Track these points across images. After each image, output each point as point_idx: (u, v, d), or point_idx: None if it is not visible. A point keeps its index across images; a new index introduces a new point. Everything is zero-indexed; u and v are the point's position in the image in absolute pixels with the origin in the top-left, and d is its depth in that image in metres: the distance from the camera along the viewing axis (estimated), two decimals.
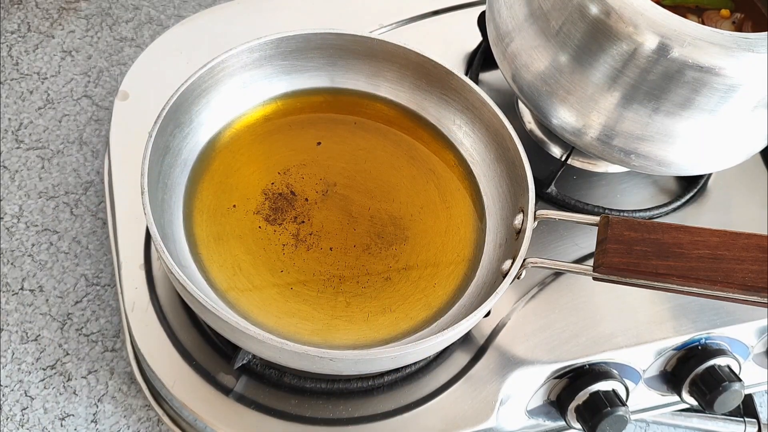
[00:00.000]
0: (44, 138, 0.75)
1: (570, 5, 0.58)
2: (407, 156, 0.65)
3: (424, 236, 0.62)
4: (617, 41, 0.56)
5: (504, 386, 0.60)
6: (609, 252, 0.52)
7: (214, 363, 0.59)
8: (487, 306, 0.53)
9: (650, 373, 0.64)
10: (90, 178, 0.74)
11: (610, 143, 0.60)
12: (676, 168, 0.62)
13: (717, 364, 0.62)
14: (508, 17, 0.63)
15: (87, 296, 0.68)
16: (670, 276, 0.52)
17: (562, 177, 0.69)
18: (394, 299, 0.59)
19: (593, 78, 0.59)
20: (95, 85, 0.80)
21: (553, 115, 0.62)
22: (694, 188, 0.71)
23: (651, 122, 0.59)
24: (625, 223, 0.53)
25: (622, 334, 0.63)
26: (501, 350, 0.61)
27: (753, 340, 0.65)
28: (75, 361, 0.65)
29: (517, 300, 0.64)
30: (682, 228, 0.53)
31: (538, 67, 0.61)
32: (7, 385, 0.63)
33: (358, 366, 0.53)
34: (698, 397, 0.63)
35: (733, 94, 0.56)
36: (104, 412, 0.63)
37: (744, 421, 0.68)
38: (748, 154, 0.63)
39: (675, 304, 0.64)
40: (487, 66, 0.75)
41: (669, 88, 0.56)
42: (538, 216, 0.57)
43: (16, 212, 0.71)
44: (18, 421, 0.62)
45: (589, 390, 0.60)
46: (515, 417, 0.61)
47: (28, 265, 0.68)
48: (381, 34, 0.75)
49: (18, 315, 0.66)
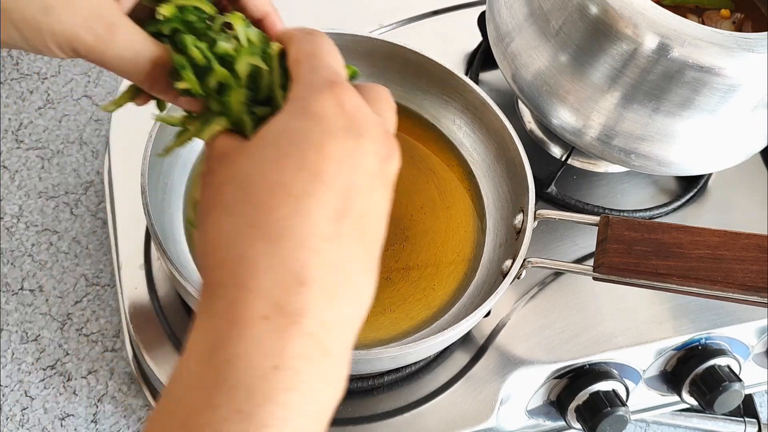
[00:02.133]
0: (44, 138, 0.75)
1: (570, 5, 0.58)
2: (407, 156, 0.65)
3: (424, 236, 0.62)
4: (617, 41, 0.56)
5: (504, 386, 0.60)
6: (609, 252, 0.52)
7: None
8: (487, 306, 0.53)
9: (650, 373, 0.64)
10: (90, 178, 0.74)
11: (610, 143, 0.60)
12: (676, 168, 0.62)
13: (717, 364, 0.62)
14: (508, 17, 0.63)
15: (87, 296, 0.67)
16: (670, 276, 0.52)
17: (562, 177, 0.69)
18: (394, 299, 0.59)
19: (593, 78, 0.59)
20: (95, 85, 0.79)
21: (553, 115, 0.62)
22: (694, 188, 0.71)
23: (651, 122, 0.59)
24: (625, 223, 0.53)
25: (622, 334, 0.63)
26: (501, 350, 0.61)
27: (753, 340, 0.65)
28: (75, 361, 0.65)
29: (517, 300, 0.64)
30: (682, 228, 0.53)
31: (538, 67, 0.61)
32: (7, 385, 0.63)
33: (358, 366, 0.53)
34: (698, 397, 0.63)
35: (733, 94, 0.56)
36: (104, 412, 0.63)
37: (744, 421, 0.68)
38: (748, 154, 0.63)
39: (675, 304, 0.64)
40: (487, 66, 0.75)
41: (669, 88, 0.56)
42: (538, 216, 0.57)
43: (16, 212, 0.71)
44: (18, 421, 0.62)
45: (589, 390, 0.60)
46: (515, 417, 0.61)
47: (28, 265, 0.68)
48: (381, 34, 0.75)
49: (18, 315, 0.66)
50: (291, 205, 0.30)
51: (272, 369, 0.29)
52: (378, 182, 0.33)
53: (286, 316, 0.29)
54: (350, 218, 0.31)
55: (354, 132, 0.32)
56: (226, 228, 0.31)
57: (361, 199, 0.32)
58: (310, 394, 0.29)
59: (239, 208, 0.31)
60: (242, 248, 0.30)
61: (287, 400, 0.29)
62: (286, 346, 0.29)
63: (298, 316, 0.29)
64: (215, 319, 0.30)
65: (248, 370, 0.29)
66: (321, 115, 0.32)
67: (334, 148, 0.31)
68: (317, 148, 0.31)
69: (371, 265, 0.33)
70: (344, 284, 0.31)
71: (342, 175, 0.31)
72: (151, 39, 0.38)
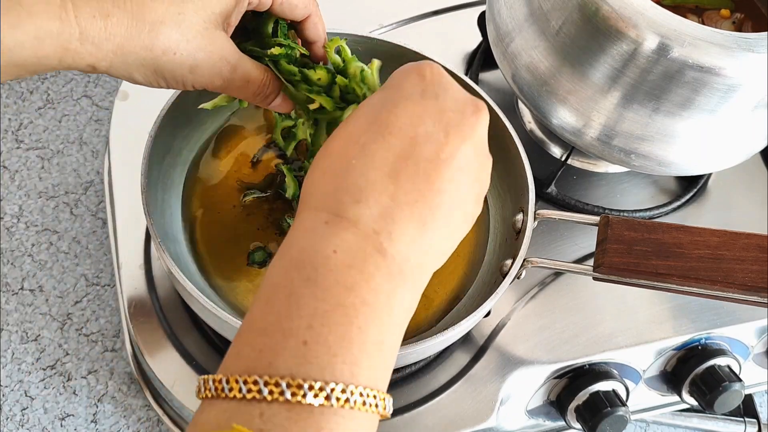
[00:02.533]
0: (44, 138, 0.75)
1: (570, 5, 0.58)
2: None
3: None
4: (617, 41, 0.56)
5: (504, 386, 0.60)
6: (609, 252, 0.52)
7: (214, 363, 0.59)
8: (487, 306, 0.53)
9: (650, 373, 0.64)
10: (90, 178, 0.74)
11: (610, 143, 0.60)
12: (676, 168, 0.62)
13: (717, 364, 0.62)
14: (508, 17, 0.63)
15: (87, 296, 0.68)
16: (670, 276, 0.52)
17: (562, 177, 0.69)
18: None
19: (593, 78, 0.59)
20: (95, 85, 0.79)
21: (553, 115, 0.62)
22: (694, 188, 0.71)
23: (651, 122, 0.59)
24: (625, 223, 0.53)
25: (622, 334, 0.63)
26: (501, 350, 0.61)
27: (753, 340, 0.65)
28: (75, 361, 0.65)
29: (517, 300, 0.64)
30: (682, 228, 0.53)
31: (538, 67, 0.61)
32: (7, 385, 0.63)
33: None
34: (698, 397, 0.63)
35: (733, 94, 0.56)
36: (104, 412, 0.63)
37: (744, 421, 0.68)
38: (748, 154, 0.63)
39: (675, 304, 0.64)
40: (487, 66, 0.75)
41: (669, 88, 0.56)
42: (538, 216, 0.57)
43: (16, 212, 0.71)
44: (18, 421, 0.62)
45: (589, 390, 0.60)
46: (515, 417, 0.61)
47: (28, 265, 0.68)
48: (381, 34, 0.75)
49: (18, 315, 0.66)
50: (357, 150, 0.37)
51: (333, 252, 0.35)
52: (456, 133, 0.38)
53: (343, 220, 0.36)
54: (414, 160, 0.37)
55: (430, 93, 0.39)
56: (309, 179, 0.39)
57: (431, 147, 0.37)
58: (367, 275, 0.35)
59: (320, 162, 0.38)
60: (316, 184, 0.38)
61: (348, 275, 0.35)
62: (342, 239, 0.35)
63: (354, 222, 0.36)
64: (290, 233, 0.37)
65: (314, 254, 0.35)
66: (400, 85, 0.39)
67: (405, 106, 0.38)
68: (390, 108, 0.38)
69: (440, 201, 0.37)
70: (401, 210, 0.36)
71: (410, 127, 0.38)
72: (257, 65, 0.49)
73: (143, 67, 0.45)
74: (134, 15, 0.43)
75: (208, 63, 0.46)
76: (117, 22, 0.43)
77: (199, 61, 0.46)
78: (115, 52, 0.43)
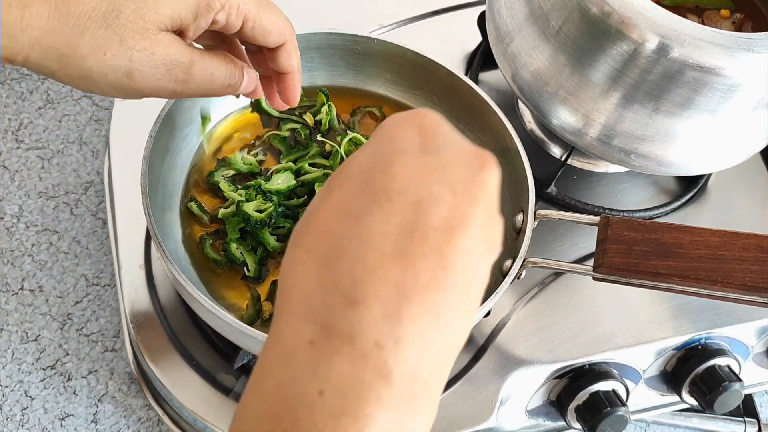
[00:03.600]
0: (44, 138, 0.75)
1: (570, 5, 0.58)
2: None
3: None
4: (617, 41, 0.56)
5: (504, 386, 0.60)
6: (609, 252, 0.52)
7: (214, 363, 0.59)
8: (487, 306, 0.53)
9: (650, 373, 0.64)
10: (90, 178, 0.74)
11: (610, 143, 0.60)
12: (676, 168, 0.62)
13: (717, 364, 0.62)
14: (508, 17, 0.63)
15: (87, 296, 0.67)
16: (670, 276, 0.52)
17: (562, 177, 0.69)
18: None
19: (593, 78, 0.59)
20: None
21: (553, 115, 0.62)
22: (694, 188, 0.71)
23: (651, 122, 0.59)
24: (625, 223, 0.53)
25: (622, 334, 0.63)
26: (501, 350, 0.61)
27: (753, 340, 0.65)
28: (75, 361, 0.65)
29: (517, 300, 0.64)
30: (682, 228, 0.53)
31: (538, 67, 0.61)
32: (7, 385, 0.63)
33: None
34: (698, 397, 0.63)
35: (733, 94, 0.56)
36: (104, 412, 0.63)
37: (744, 421, 0.68)
38: (748, 154, 0.63)
39: (675, 304, 0.64)
40: (487, 66, 0.75)
41: (669, 88, 0.56)
42: (538, 216, 0.57)
43: (16, 212, 0.71)
44: (18, 421, 0.62)
45: (589, 390, 0.60)
46: (515, 417, 0.61)
47: (28, 265, 0.68)
48: (381, 34, 0.75)
49: (18, 315, 0.66)
50: (348, 224, 0.29)
51: (318, 395, 0.27)
52: (464, 192, 0.30)
53: (333, 338, 0.28)
54: (421, 231, 0.29)
55: (431, 147, 0.31)
56: (287, 261, 0.31)
57: (439, 212, 0.30)
58: (365, 421, 0.27)
59: (300, 238, 0.31)
60: (296, 276, 0.30)
61: (338, 426, 0.27)
62: (332, 370, 0.27)
63: (349, 337, 0.28)
64: (265, 349, 0.30)
65: (294, 398, 0.27)
66: (392, 138, 0.32)
67: (402, 164, 0.30)
68: (384, 167, 0.30)
69: (456, 281, 0.30)
70: (411, 302, 0.28)
71: (411, 189, 0.30)
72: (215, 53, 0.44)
73: (67, 67, 0.40)
74: (57, 7, 0.38)
75: (149, 66, 0.40)
76: (36, 13, 0.38)
77: (138, 64, 0.40)
78: (32, 46, 0.39)
